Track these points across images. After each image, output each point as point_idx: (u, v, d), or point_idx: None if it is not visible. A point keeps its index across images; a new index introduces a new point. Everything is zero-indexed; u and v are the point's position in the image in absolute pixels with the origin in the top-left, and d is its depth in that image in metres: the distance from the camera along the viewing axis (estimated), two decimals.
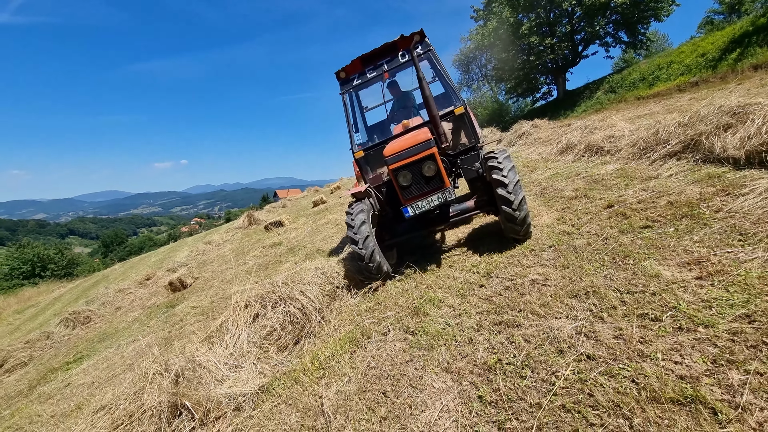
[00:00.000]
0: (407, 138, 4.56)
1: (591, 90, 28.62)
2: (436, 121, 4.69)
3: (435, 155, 4.27)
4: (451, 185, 4.45)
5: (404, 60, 5.27)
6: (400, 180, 4.43)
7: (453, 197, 4.35)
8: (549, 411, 2.18)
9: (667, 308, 2.61)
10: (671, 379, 2.07)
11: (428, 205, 4.39)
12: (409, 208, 4.45)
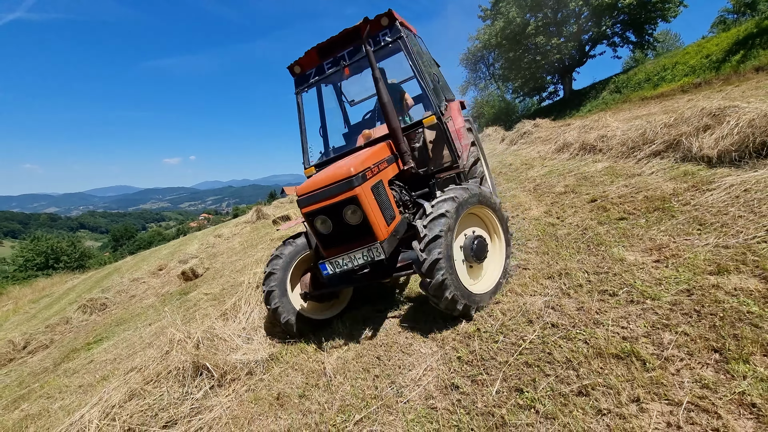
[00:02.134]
0: (329, 171, 3.48)
1: (597, 90, 28.75)
2: (396, 135, 3.90)
3: (360, 198, 3.19)
4: (390, 236, 3.38)
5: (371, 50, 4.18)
6: (317, 227, 3.47)
7: (383, 256, 3.17)
8: (514, 366, 2.59)
9: (624, 285, 3.00)
10: (615, 340, 2.47)
11: (350, 264, 3.29)
12: (327, 265, 3.36)
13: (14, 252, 44.68)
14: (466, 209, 3.38)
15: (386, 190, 3.65)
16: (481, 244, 3.52)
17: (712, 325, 2.31)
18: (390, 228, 3.48)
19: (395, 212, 3.71)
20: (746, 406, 1.79)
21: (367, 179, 3.35)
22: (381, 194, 3.52)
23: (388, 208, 3.58)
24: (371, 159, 3.61)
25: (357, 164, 3.32)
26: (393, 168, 3.99)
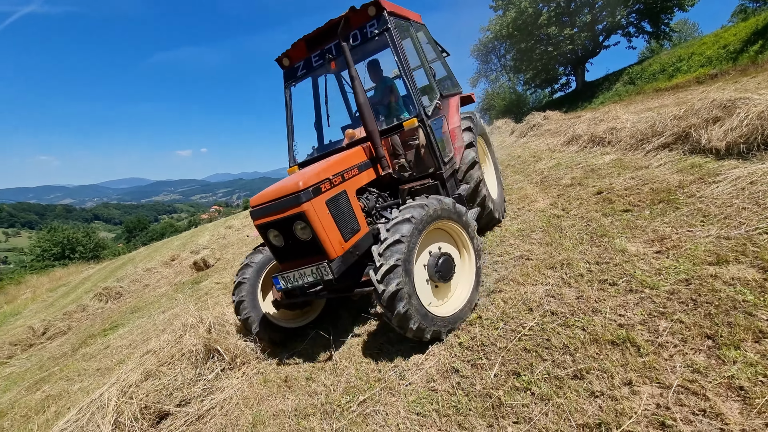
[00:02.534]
0: (282, 182, 3.31)
1: (610, 81, 28.23)
2: (373, 139, 3.72)
3: (308, 215, 2.99)
4: (346, 252, 3.21)
5: (356, 43, 4.00)
6: (270, 240, 3.32)
7: (330, 276, 3.01)
8: (513, 351, 2.68)
9: (624, 275, 3.05)
10: (612, 327, 2.54)
11: (300, 281, 3.16)
12: (280, 279, 3.25)
13: (32, 242, 45.80)
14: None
15: (351, 202, 3.45)
16: (447, 263, 3.20)
17: (707, 313, 2.36)
18: (348, 243, 3.28)
19: (361, 224, 3.51)
20: (734, 389, 1.85)
21: (321, 193, 3.14)
22: (340, 207, 3.31)
23: (348, 222, 3.37)
24: (334, 168, 3.40)
25: (309, 177, 3.10)
26: (369, 174, 3.84)
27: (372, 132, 3.70)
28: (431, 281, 3.22)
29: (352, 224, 3.42)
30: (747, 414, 1.73)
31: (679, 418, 1.80)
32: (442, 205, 3.18)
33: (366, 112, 3.60)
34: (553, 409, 2.10)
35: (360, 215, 3.54)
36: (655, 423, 1.83)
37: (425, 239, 3.14)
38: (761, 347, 2.00)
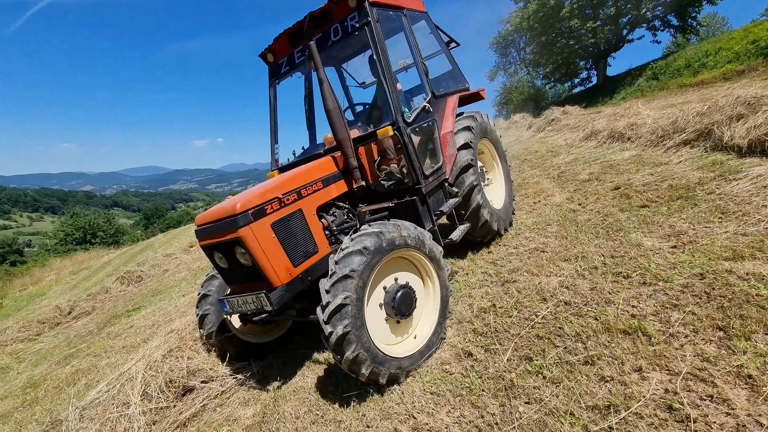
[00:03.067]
0: (224, 203, 3.01)
1: (633, 76, 27.56)
2: (343, 148, 3.35)
3: (245, 240, 2.70)
4: (294, 279, 2.93)
5: (337, 38, 3.68)
6: (216, 261, 3.10)
7: (269, 308, 2.74)
8: (525, 338, 2.76)
9: (639, 268, 3.09)
10: (624, 317, 2.60)
11: (243, 307, 2.93)
12: (226, 303, 3.05)
13: (55, 227, 47.34)
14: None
15: (308, 221, 3.13)
16: (406, 297, 2.86)
17: (719, 306, 2.41)
18: (299, 269, 2.97)
19: (319, 245, 3.19)
20: (742, 378, 1.91)
21: (265, 215, 2.82)
22: (292, 228, 3.00)
23: (301, 244, 3.05)
24: (288, 184, 3.08)
25: (250, 198, 2.80)
26: (339, 186, 3.50)
27: (342, 140, 3.31)
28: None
29: (307, 246, 3.10)
30: (754, 401, 1.79)
31: (687, 403, 1.87)
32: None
33: (335, 118, 3.25)
34: (563, 392, 2.18)
35: (319, 235, 3.21)
36: (662, 406, 1.90)
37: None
38: None
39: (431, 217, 3.65)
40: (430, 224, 3.61)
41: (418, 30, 4.37)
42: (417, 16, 4.43)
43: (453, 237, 3.89)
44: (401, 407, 2.52)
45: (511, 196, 5.17)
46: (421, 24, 4.54)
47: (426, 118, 3.88)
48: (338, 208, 3.59)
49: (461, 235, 3.97)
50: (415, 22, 4.37)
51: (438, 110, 4.20)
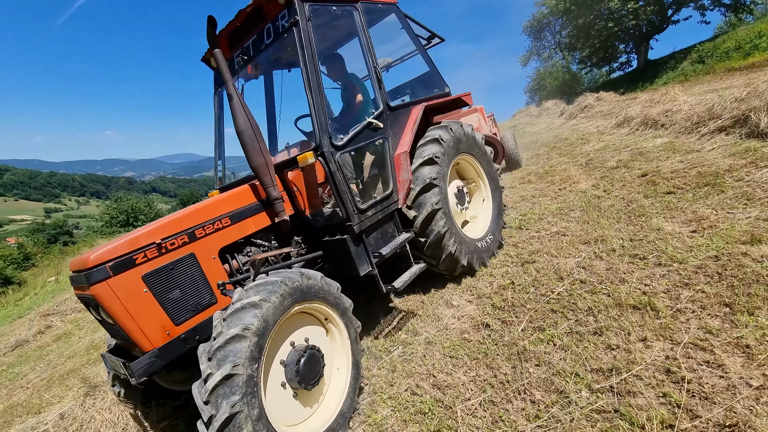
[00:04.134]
0: (88, 252, 2.44)
1: (677, 60, 26.09)
2: (260, 176, 2.82)
3: (99, 299, 2.23)
4: (165, 344, 2.34)
5: (269, 40, 3.21)
6: (92, 313, 2.60)
7: (135, 379, 2.22)
8: (540, 312, 2.97)
9: (656, 251, 3.21)
10: (636, 294, 2.75)
11: (119, 370, 2.44)
12: (107, 359, 2.62)
13: (101, 210, 50.35)
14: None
15: (202, 267, 2.58)
16: (311, 363, 2.33)
17: (729, 285, 2.53)
18: (183, 327, 2.43)
19: (219, 295, 2.64)
20: (740, 347, 2.06)
21: (133, 266, 2.31)
22: (176, 279, 2.46)
23: (189, 297, 2.50)
24: (175, 225, 2.54)
25: (114, 247, 2.30)
26: (256, 221, 2.94)
27: (258, 168, 2.79)
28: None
29: (200, 298, 2.56)
30: (747, 366, 1.95)
31: (684, 367, 2.05)
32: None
33: (248, 141, 2.74)
34: (571, 357, 2.39)
35: (219, 281, 2.66)
36: (661, 370, 2.09)
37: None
38: None
39: (369, 259, 3.08)
40: (368, 267, 3.06)
41: (388, 26, 3.97)
42: (380, 10, 3.88)
43: (396, 284, 3.18)
44: (422, 368, 2.80)
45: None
46: (392, 19, 3.98)
47: (372, 137, 3.37)
48: (257, 246, 3.02)
49: (409, 280, 3.31)
50: (381, 17, 3.97)
51: (395, 125, 3.61)
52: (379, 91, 3.52)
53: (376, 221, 3.23)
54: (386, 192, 3.37)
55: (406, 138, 3.62)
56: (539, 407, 2.13)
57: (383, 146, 3.50)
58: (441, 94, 4.24)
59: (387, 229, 3.44)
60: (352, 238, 3.00)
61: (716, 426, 1.72)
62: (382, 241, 3.35)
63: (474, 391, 2.42)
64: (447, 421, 2.25)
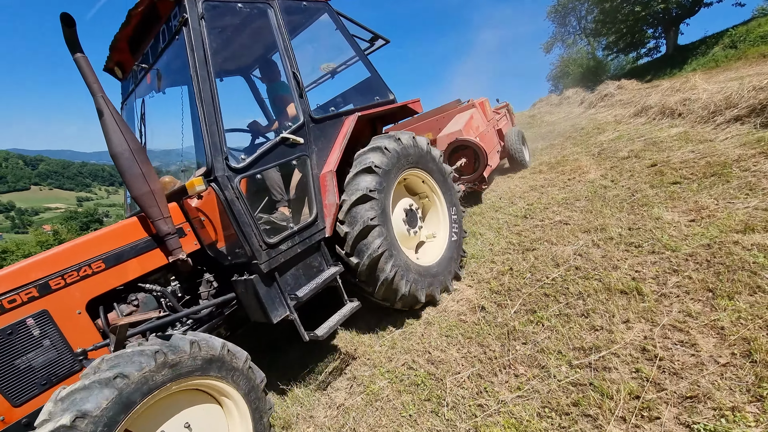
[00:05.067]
0: None
1: (708, 45, 24.96)
2: (145, 208, 2.40)
3: None
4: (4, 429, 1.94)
5: (164, 43, 2.77)
6: None
7: None
8: (533, 296, 3.11)
9: (651, 239, 3.29)
10: (626, 280, 2.86)
11: None
12: None
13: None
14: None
15: (62, 326, 2.14)
16: None
17: (716, 272, 2.61)
18: (27, 407, 1.99)
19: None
20: (716, 329, 2.17)
21: None
22: (17, 346, 2.00)
23: (37, 368, 2.06)
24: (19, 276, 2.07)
25: None
26: (143, 262, 2.49)
27: (141, 197, 2.35)
28: None
29: (55, 367, 2.11)
30: (719, 346, 2.06)
31: (659, 346, 2.18)
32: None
33: (125, 165, 2.31)
34: (556, 336, 2.55)
35: (89, 343, 2.22)
36: (638, 348, 2.22)
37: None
38: (753, 299, 2.27)
39: (285, 302, 2.65)
40: (284, 311, 2.62)
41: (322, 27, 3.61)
42: (307, 9, 3.46)
43: (319, 332, 2.64)
44: (420, 346, 3.01)
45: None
46: (325, 19, 3.59)
47: (288, 155, 2.89)
48: (146, 292, 2.52)
49: (336, 324, 2.75)
50: (310, 17, 3.61)
51: (321, 140, 3.14)
52: (300, 101, 3.03)
53: (294, 255, 2.76)
54: (308, 220, 2.90)
55: (334, 155, 3.13)
56: (521, 380, 2.31)
57: (304, 165, 3.04)
58: (381, 102, 3.75)
59: (311, 262, 2.94)
60: (261, 278, 2.53)
61: (679, 397, 1.86)
62: (304, 278, 2.85)
63: (464, 366, 2.61)
64: (437, 392, 2.46)
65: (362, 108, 3.53)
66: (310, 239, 2.88)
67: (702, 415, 1.75)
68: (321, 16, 3.60)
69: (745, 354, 1.95)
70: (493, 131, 7.29)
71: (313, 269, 2.95)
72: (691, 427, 1.71)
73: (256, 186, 3.53)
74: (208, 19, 2.58)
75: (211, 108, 2.47)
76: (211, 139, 2.43)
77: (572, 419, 1.94)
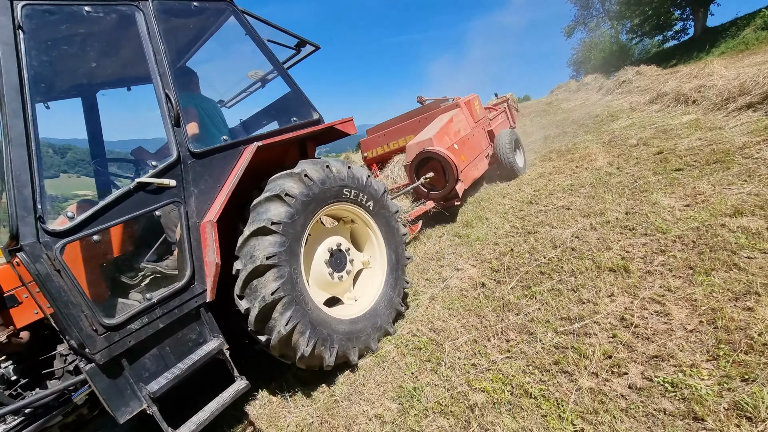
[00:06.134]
0: None
1: (738, 27, 23.99)
2: None
3: None
4: None
5: None
6: None
7: None
8: (530, 273, 3.37)
9: (645, 223, 3.48)
10: (616, 259, 3.08)
11: None
12: None
13: None
14: None
15: None
16: None
17: (699, 252, 2.81)
18: None
19: None
20: (690, 301, 2.40)
21: None
22: None
23: None
24: None
25: None
26: None
27: None
28: None
29: None
30: (689, 315, 2.29)
31: (636, 316, 2.42)
32: None
33: None
34: (546, 308, 2.81)
35: None
36: (618, 317, 2.47)
37: None
38: (727, 275, 2.48)
39: (137, 394, 2.11)
40: (139, 404, 2.09)
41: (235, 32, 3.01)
42: (201, 11, 2.85)
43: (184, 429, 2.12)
44: (424, 317, 3.31)
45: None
46: (232, 22, 3.00)
47: (152, 203, 2.28)
48: None
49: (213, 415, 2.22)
50: (211, 21, 3.05)
51: (206, 179, 2.51)
52: (173, 131, 2.38)
53: (156, 332, 2.18)
54: (177, 285, 2.29)
55: (219, 200, 2.49)
56: (511, 344, 2.59)
57: (176, 214, 2.42)
58: (299, 125, 3.13)
59: (184, 336, 2.33)
60: (100, 368, 1.99)
61: (647, 357, 2.11)
62: (173, 357, 2.26)
63: (462, 333, 2.90)
64: (436, 354, 2.77)
65: (271, 134, 2.91)
66: (181, 308, 2.29)
67: (664, 371, 2.00)
68: (227, 19, 3.00)
69: (710, 321, 2.18)
70: (482, 133, 6.57)
71: (188, 344, 2.34)
72: (652, 380, 1.97)
73: (149, 221, 2.83)
74: (33, 30, 2.02)
75: (23, 148, 1.86)
76: (18, 191, 1.81)
77: (551, 374, 2.22)
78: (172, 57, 2.51)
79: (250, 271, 2.42)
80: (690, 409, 1.75)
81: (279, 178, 2.70)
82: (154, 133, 2.73)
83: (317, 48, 3.61)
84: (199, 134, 2.78)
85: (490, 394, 2.25)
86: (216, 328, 2.46)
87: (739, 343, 1.97)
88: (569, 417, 1.94)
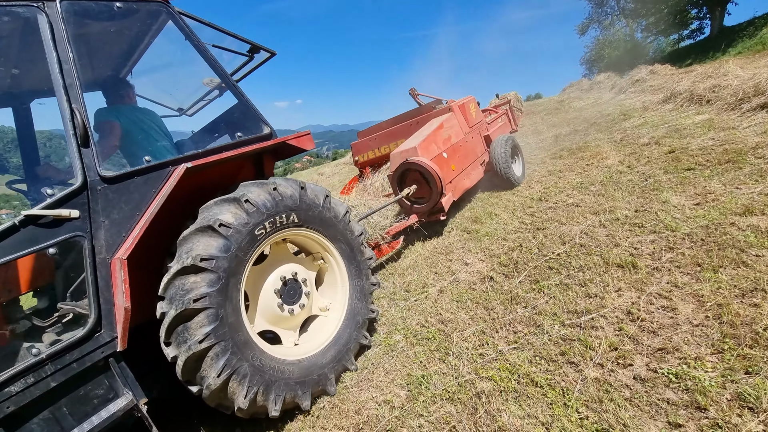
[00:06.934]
0: None
1: (756, 26, 23.55)
2: None
3: None
4: None
5: None
6: None
7: None
8: (538, 268, 3.41)
9: (654, 221, 3.50)
10: (624, 256, 3.11)
11: None
12: None
13: None
14: None
15: None
16: None
17: (708, 250, 2.83)
18: None
19: None
20: (696, 297, 2.43)
21: None
22: None
23: None
24: None
25: None
26: None
27: None
28: None
29: None
30: (696, 310, 2.33)
31: (643, 310, 2.46)
32: None
33: None
34: (553, 301, 2.86)
35: None
36: (624, 311, 2.51)
37: None
38: (734, 272, 2.50)
39: None
40: None
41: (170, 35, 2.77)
42: (135, 12, 2.55)
43: None
44: (432, 309, 3.38)
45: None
46: (170, 27, 2.71)
47: (47, 238, 1.94)
48: None
49: None
50: (143, 24, 2.71)
51: (121, 207, 2.18)
52: (80, 153, 2.06)
53: (47, 391, 1.85)
54: (77, 334, 1.95)
55: (133, 233, 2.14)
56: (518, 336, 2.65)
57: (78, 251, 2.06)
58: (246, 140, 2.79)
59: (88, 393, 1.99)
60: None
61: (652, 350, 2.16)
62: (72, 419, 1.92)
63: (470, 325, 2.96)
64: (444, 344, 2.83)
65: (207, 153, 2.53)
66: (81, 362, 1.93)
67: (669, 363, 2.04)
68: (165, 22, 2.69)
69: (716, 317, 2.22)
70: (477, 139, 6.14)
71: (92, 402, 1.99)
72: (657, 371, 2.01)
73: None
74: None
75: None
76: None
77: (558, 365, 2.28)
78: (86, 65, 2.23)
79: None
80: (693, 399, 1.80)
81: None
82: None
83: (273, 54, 3.31)
84: (122, 154, 2.51)
85: (497, 383, 2.31)
86: (132, 380, 2.07)
87: (744, 338, 2.01)
88: (574, 405, 1.99)
